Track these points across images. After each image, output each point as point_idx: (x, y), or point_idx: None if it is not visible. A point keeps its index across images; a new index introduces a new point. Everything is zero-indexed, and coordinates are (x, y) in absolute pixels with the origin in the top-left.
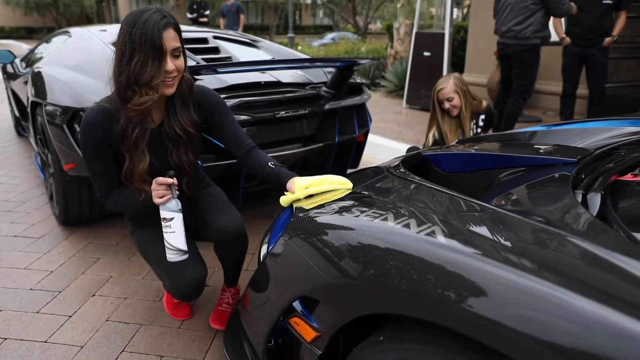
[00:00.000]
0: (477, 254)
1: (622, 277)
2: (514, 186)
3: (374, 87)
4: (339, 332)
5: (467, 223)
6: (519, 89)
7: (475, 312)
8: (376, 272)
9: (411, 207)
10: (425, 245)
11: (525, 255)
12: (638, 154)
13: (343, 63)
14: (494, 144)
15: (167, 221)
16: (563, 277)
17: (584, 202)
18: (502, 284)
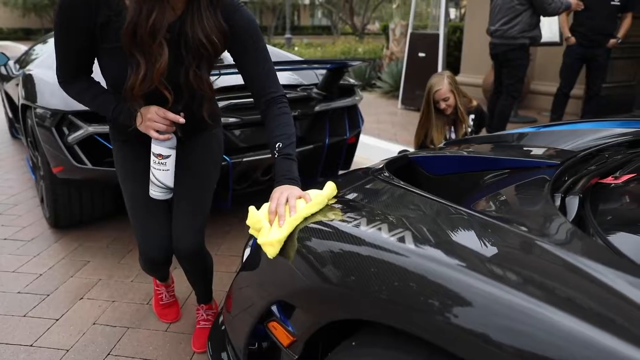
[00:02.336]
0: (445, 260)
1: (584, 282)
2: (495, 189)
3: (369, 88)
4: (318, 337)
5: (440, 228)
6: (508, 88)
7: (437, 319)
8: (345, 276)
9: (387, 211)
10: (394, 250)
11: (494, 261)
12: (621, 157)
13: (333, 65)
14: (482, 145)
15: (162, 158)
16: (531, 284)
17: (563, 205)
18: (467, 290)
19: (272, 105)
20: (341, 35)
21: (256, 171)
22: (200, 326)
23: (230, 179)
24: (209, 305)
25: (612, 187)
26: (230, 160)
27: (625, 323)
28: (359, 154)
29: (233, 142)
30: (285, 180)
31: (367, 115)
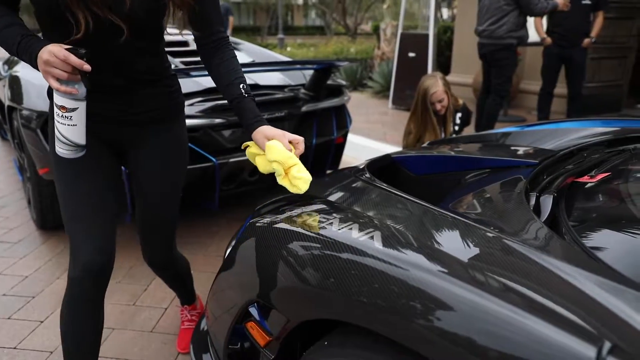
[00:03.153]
0: (411, 260)
1: (546, 280)
2: (473, 189)
3: (361, 88)
4: (296, 338)
5: (410, 228)
6: (496, 88)
7: (405, 318)
8: (316, 276)
9: (361, 211)
10: (362, 250)
11: (459, 260)
12: (599, 156)
13: (320, 65)
14: (464, 145)
15: (66, 111)
16: (495, 283)
17: (537, 204)
18: (431, 290)
19: (222, 47)
20: (334, 35)
21: (243, 172)
22: (185, 327)
23: (217, 179)
24: (193, 305)
25: (587, 186)
26: (217, 161)
27: (582, 320)
28: (349, 154)
29: (219, 142)
30: (265, 122)
31: (357, 115)
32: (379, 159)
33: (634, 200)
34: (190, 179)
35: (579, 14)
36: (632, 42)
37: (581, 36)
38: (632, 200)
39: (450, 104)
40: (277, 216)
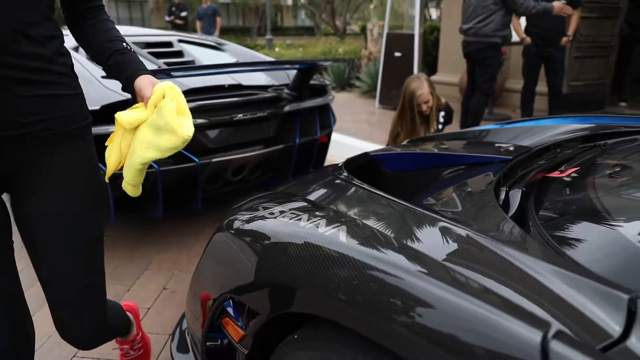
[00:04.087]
0: (373, 254)
1: (500, 267)
2: (447, 185)
3: (348, 88)
4: (270, 333)
5: (377, 223)
6: (481, 86)
7: (366, 310)
8: (284, 271)
9: (332, 207)
10: (327, 244)
11: (422, 254)
12: (571, 151)
13: (303, 65)
14: (443, 142)
15: None
16: (455, 277)
17: (507, 198)
18: (392, 282)
19: (97, 13)
20: (324, 36)
21: (226, 172)
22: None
23: (200, 180)
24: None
25: (557, 181)
26: (199, 161)
27: (533, 308)
28: (335, 153)
29: (201, 143)
30: (146, 72)
31: (344, 115)
32: (357, 157)
33: (598, 194)
34: (172, 179)
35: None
36: (614, 42)
37: (559, 35)
38: (597, 194)
39: (435, 104)
40: (249, 214)
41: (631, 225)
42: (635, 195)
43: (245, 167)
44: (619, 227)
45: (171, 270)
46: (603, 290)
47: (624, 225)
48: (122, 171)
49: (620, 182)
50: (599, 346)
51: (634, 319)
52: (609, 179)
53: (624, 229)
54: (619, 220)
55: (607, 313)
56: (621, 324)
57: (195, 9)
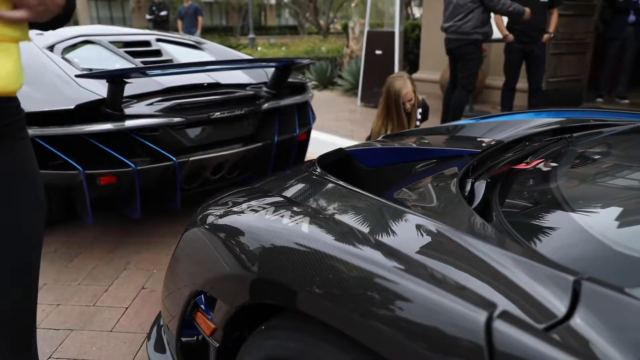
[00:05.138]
0: (336, 244)
1: (455, 253)
2: (417, 179)
3: (331, 86)
4: (242, 326)
5: (346, 215)
6: (463, 81)
7: (322, 295)
8: (247, 263)
9: (299, 201)
10: (289, 235)
11: (381, 242)
12: (539, 144)
13: (280, 63)
14: (419, 137)
15: None
16: (409, 263)
17: (472, 189)
18: (354, 272)
19: None
20: (307, 35)
21: (205, 170)
22: None
23: (178, 179)
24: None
25: (522, 172)
26: (177, 160)
27: (482, 290)
28: (316, 151)
29: (179, 142)
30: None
31: (326, 113)
32: (332, 153)
33: (559, 184)
34: (150, 179)
35: (537, 11)
36: (590, 39)
37: (540, 32)
38: (557, 184)
39: (415, 101)
40: (220, 209)
41: (584, 212)
42: (592, 185)
43: (224, 166)
44: (574, 215)
45: (150, 269)
46: (551, 273)
47: (578, 212)
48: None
49: (580, 172)
50: (542, 325)
51: (578, 299)
52: (570, 170)
53: (578, 216)
54: (574, 208)
55: (553, 294)
56: (566, 304)
57: (177, 8)
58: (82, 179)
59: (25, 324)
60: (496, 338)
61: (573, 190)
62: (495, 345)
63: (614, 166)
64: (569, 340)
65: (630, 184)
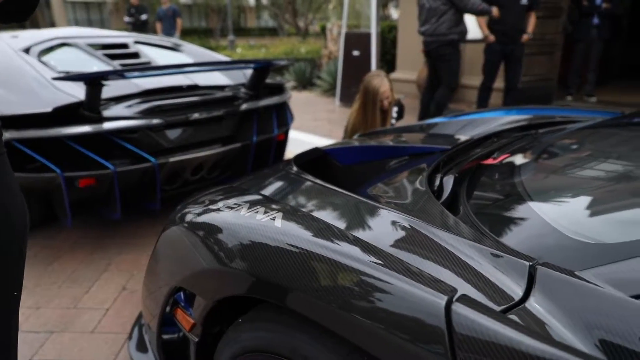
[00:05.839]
0: (306, 237)
1: (421, 243)
2: (390, 175)
3: (310, 87)
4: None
5: (319, 210)
6: (445, 80)
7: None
8: (222, 257)
9: (272, 197)
10: (264, 229)
11: (351, 235)
12: (506, 140)
13: (258, 64)
14: (393, 135)
15: None
16: (379, 255)
17: (440, 184)
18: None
19: None
20: (286, 36)
21: (185, 171)
22: None
23: (158, 180)
24: None
25: (489, 167)
26: (156, 161)
27: (446, 277)
28: (295, 150)
29: (158, 143)
30: None
31: (305, 114)
32: (308, 152)
33: (522, 177)
34: (129, 180)
35: (518, 13)
36: (558, 39)
37: (520, 33)
38: (521, 177)
39: (392, 99)
40: (196, 207)
41: (543, 203)
42: (552, 177)
43: (203, 166)
44: (533, 205)
45: (131, 270)
46: (509, 260)
47: (538, 203)
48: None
49: (541, 166)
50: (500, 308)
51: (533, 283)
52: (533, 164)
53: (537, 207)
54: (534, 200)
55: (511, 279)
56: (522, 288)
57: (154, 9)
58: (61, 181)
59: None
60: (455, 320)
61: (534, 183)
62: (454, 326)
63: (573, 159)
64: (524, 321)
65: (587, 175)
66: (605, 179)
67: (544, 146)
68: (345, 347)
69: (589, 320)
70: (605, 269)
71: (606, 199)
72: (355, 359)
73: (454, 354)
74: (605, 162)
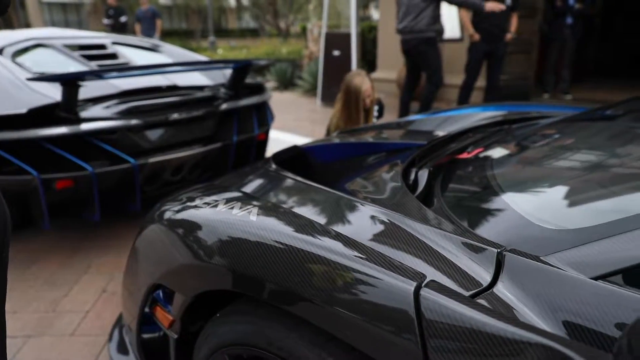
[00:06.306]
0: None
1: (394, 234)
2: (367, 170)
3: (291, 87)
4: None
5: (288, 203)
6: (430, 78)
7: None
8: (199, 252)
9: (250, 192)
10: (239, 224)
11: (326, 227)
12: (480, 135)
13: (237, 64)
14: (372, 132)
15: None
16: (355, 246)
17: (416, 178)
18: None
19: None
20: (268, 37)
21: (165, 172)
22: None
23: (138, 181)
24: None
25: (463, 161)
26: (136, 162)
27: (416, 265)
28: (277, 150)
29: (137, 144)
30: None
31: (286, 114)
32: (287, 150)
33: (494, 170)
34: (108, 181)
35: (502, 13)
36: (535, 39)
37: (503, 32)
38: (492, 170)
39: (373, 98)
40: (174, 204)
41: (513, 193)
42: (522, 169)
43: (184, 167)
44: (504, 196)
45: (111, 272)
46: (479, 247)
47: (508, 194)
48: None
49: (513, 159)
50: (469, 293)
51: (501, 269)
52: (505, 157)
53: (508, 197)
54: (505, 191)
55: (480, 266)
56: (491, 274)
57: (134, 11)
58: (38, 183)
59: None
60: (423, 304)
61: (506, 175)
62: (423, 311)
63: (543, 152)
64: (492, 305)
65: (554, 166)
66: (571, 170)
67: (516, 140)
68: (321, 336)
69: (552, 302)
70: (568, 253)
71: (571, 189)
72: (331, 347)
73: (422, 337)
74: (572, 154)
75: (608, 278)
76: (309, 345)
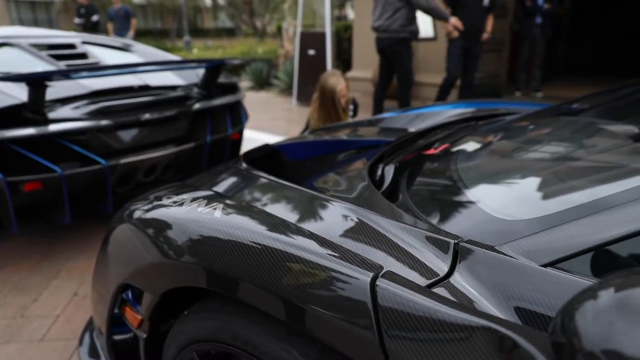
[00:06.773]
0: (247, 226)
1: (355, 228)
2: (336, 167)
3: (267, 86)
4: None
5: (254, 200)
6: (400, 78)
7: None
8: (167, 251)
9: (217, 191)
10: (203, 221)
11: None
12: (447, 132)
13: (210, 64)
14: (344, 130)
15: None
16: (316, 240)
17: (382, 174)
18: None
19: None
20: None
21: (137, 172)
22: None
23: (109, 182)
24: None
25: (429, 157)
26: (107, 163)
27: (373, 257)
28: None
29: (108, 145)
30: None
31: (262, 113)
32: (258, 149)
33: (458, 165)
34: (78, 183)
35: (480, 13)
36: (506, 38)
37: (480, 31)
38: (456, 165)
39: (348, 97)
40: (143, 204)
41: (475, 187)
42: (484, 164)
43: (157, 167)
44: (466, 190)
45: (83, 276)
46: (437, 239)
47: (470, 188)
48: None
49: (476, 154)
50: (426, 282)
51: (457, 259)
52: (469, 152)
53: (469, 191)
54: (467, 185)
55: (438, 257)
56: (448, 264)
57: (106, 9)
58: (4, 186)
59: None
60: (380, 294)
61: (468, 169)
62: (379, 300)
63: (505, 147)
64: (449, 294)
65: (514, 161)
66: (530, 163)
67: (482, 136)
68: (284, 329)
69: (505, 289)
70: (521, 242)
71: (529, 181)
72: (295, 340)
73: (379, 326)
74: (532, 148)
75: (556, 265)
76: (273, 339)
